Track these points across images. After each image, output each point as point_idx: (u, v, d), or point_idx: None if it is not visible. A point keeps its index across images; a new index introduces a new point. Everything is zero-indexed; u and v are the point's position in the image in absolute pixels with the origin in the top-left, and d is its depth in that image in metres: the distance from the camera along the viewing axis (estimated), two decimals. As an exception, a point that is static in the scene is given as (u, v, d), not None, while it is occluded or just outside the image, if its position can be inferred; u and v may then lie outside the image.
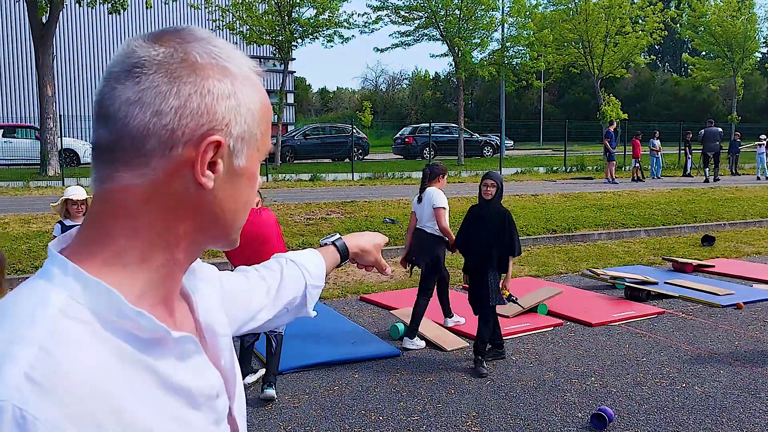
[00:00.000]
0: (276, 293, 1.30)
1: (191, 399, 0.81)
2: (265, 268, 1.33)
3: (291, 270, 1.33)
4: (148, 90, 0.77)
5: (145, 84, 0.77)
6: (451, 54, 25.60)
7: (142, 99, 0.77)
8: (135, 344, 0.76)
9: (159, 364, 0.77)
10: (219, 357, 0.92)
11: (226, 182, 0.83)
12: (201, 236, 0.85)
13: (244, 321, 1.23)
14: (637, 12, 29.43)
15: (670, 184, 19.50)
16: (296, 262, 1.35)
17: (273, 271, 1.32)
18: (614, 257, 10.35)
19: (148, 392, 0.75)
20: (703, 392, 4.99)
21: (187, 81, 0.79)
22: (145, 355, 0.76)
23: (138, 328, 0.76)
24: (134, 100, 0.77)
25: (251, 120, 0.84)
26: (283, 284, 1.31)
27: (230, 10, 22.29)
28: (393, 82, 72.86)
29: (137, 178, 0.79)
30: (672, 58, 76.08)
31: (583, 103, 53.37)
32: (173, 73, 0.78)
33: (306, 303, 1.36)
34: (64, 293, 0.74)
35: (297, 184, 18.10)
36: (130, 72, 0.78)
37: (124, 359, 0.74)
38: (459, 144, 26.14)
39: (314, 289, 1.36)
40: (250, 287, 1.26)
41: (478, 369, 5.38)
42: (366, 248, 1.49)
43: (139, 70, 0.78)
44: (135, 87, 0.78)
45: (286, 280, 1.32)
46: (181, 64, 0.79)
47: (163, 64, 0.79)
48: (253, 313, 1.25)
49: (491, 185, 5.57)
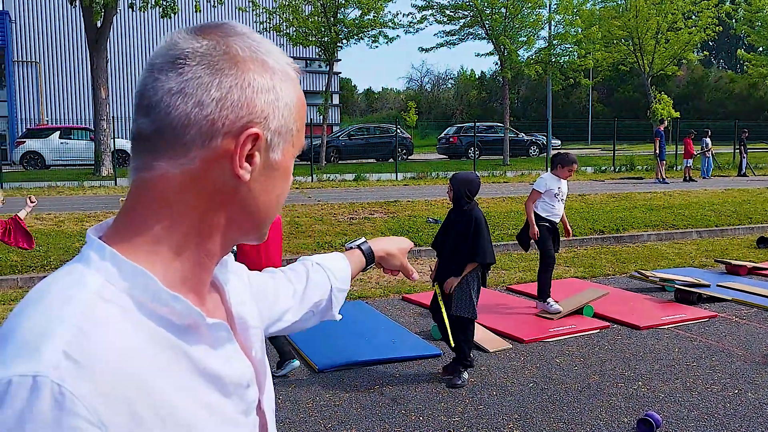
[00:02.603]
0: (302, 295, 1.30)
1: (222, 386, 0.81)
2: (291, 270, 1.34)
3: (317, 273, 1.34)
4: (190, 81, 0.78)
5: (188, 75, 0.79)
6: (497, 53, 25.38)
7: (185, 89, 0.78)
8: (169, 329, 0.77)
9: (192, 350, 0.78)
10: (250, 348, 0.93)
11: (261, 175, 0.84)
12: (234, 228, 0.86)
13: (271, 321, 1.24)
14: (689, 7, 28.62)
15: (724, 184, 18.91)
16: (322, 265, 1.35)
17: (299, 274, 1.33)
18: (664, 259, 10.08)
19: (180, 376, 0.76)
20: (757, 399, 4.81)
21: (228, 73, 0.80)
22: (178, 340, 0.77)
23: (172, 313, 0.77)
24: (177, 90, 0.78)
25: (288, 114, 0.85)
26: (309, 287, 1.31)
27: (277, 12, 22.56)
28: (438, 82, 72.64)
29: (175, 167, 0.80)
30: (726, 55, 73.80)
31: (633, 101, 52.23)
32: (215, 65, 0.79)
33: (332, 306, 1.36)
34: (101, 276, 0.75)
35: (341, 184, 18.19)
36: (173, 63, 0.79)
37: (157, 342, 0.75)
38: (504, 143, 25.89)
39: (340, 292, 1.36)
40: (276, 288, 1.26)
41: (453, 380, 5.12)
42: (392, 252, 1.48)
43: (182, 62, 0.79)
44: (178, 78, 0.79)
45: (312, 282, 1.32)
46: (223, 56, 0.80)
47: (206, 56, 0.80)
48: (280, 314, 1.25)
49: (449, 189, 5.37)
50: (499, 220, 12.00)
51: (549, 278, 6.94)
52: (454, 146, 29.69)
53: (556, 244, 7.02)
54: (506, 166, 23.83)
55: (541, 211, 6.90)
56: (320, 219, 11.73)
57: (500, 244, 10.60)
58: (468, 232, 5.17)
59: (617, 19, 28.81)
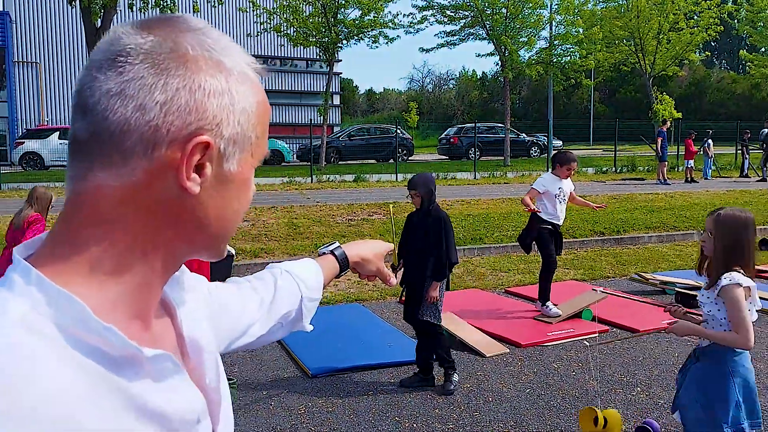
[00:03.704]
0: (270, 306, 1.21)
1: (167, 424, 0.72)
2: (258, 279, 1.25)
3: (286, 281, 1.24)
4: (131, 82, 0.70)
5: (128, 75, 0.70)
6: (498, 53, 25.28)
7: (125, 91, 0.70)
8: (104, 362, 0.67)
9: (130, 385, 0.69)
10: (203, 375, 0.84)
11: (214, 188, 0.75)
12: (184, 245, 0.77)
13: (235, 336, 1.15)
14: (691, 7, 28.49)
15: (726, 186, 18.80)
16: (291, 273, 1.26)
17: (266, 283, 1.23)
18: (665, 261, 9.99)
19: (117, 417, 0.67)
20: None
21: (175, 74, 0.71)
22: (114, 375, 0.68)
23: (107, 345, 0.68)
24: (116, 92, 0.70)
25: (246, 121, 0.76)
26: (278, 297, 1.22)
27: (277, 12, 22.49)
28: (439, 83, 72.59)
29: (114, 178, 0.71)
30: (728, 55, 73.66)
31: (635, 102, 52.13)
32: (161, 64, 0.71)
33: (302, 317, 1.27)
34: (25, 303, 0.66)
35: (341, 185, 18.11)
36: (113, 61, 0.71)
37: (90, 379, 0.66)
38: (505, 144, 25.80)
39: (311, 302, 1.27)
40: (241, 300, 1.17)
41: (445, 385, 5.00)
42: (367, 257, 1.40)
43: (123, 60, 0.70)
44: (118, 78, 0.70)
45: (280, 292, 1.23)
46: (170, 54, 0.71)
47: (151, 54, 0.71)
48: (245, 327, 1.16)
49: (414, 195, 5.10)
50: (498, 221, 11.91)
51: (549, 282, 6.85)
52: (455, 147, 29.61)
53: (558, 247, 6.91)
54: (507, 166, 23.73)
55: (543, 214, 6.78)
56: (318, 220, 11.65)
57: (500, 245, 10.52)
58: (439, 233, 4.99)
59: (618, 19, 28.68)
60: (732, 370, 3.01)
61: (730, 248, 3.03)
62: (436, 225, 5.01)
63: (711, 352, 3.07)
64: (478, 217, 12.17)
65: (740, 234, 3.04)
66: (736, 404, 2.97)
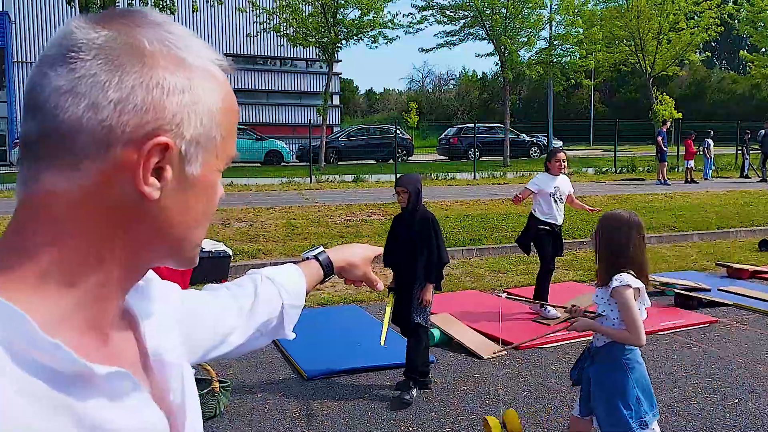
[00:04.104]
0: (249, 314, 1.16)
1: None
2: (236, 286, 1.20)
3: (266, 288, 1.19)
4: (83, 78, 0.65)
5: (80, 71, 0.65)
6: (497, 53, 25.25)
7: (76, 89, 0.65)
8: (52, 381, 0.62)
9: (82, 406, 0.64)
10: (167, 391, 0.79)
11: (176, 192, 0.71)
12: (145, 253, 0.73)
13: (212, 345, 1.10)
14: (691, 7, 28.45)
15: (726, 186, 18.75)
16: (272, 280, 1.21)
17: (245, 290, 1.18)
18: (664, 262, 9.93)
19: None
20: (758, 409, 4.66)
21: (131, 71, 0.66)
22: (64, 395, 0.63)
23: (56, 362, 0.62)
24: (67, 89, 0.65)
25: (210, 121, 0.72)
26: (258, 304, 1.17)
27: (276, 12, 22.46)
28: (439, 83, 72.56)
29: (66, 181, 0.66)
30: (729, 56, 73.60)
31: (635, 102, 52.08)
32: (115, 60, 0.66)
33: (284, 325, 1.21)
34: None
35: (340, 185, 18.07)
36: (64, 57, 0.66)
37: (36, 400, 0.61)
38: (505, 145, 25.76)
39: (292, 309, 1.22)
40: (218, 307, 1.12)
41: (401, 396, 4.81)
42: (354, 262, 1.35)
43: (75, 55, 0.66)
44: (69, 74, 0.66)
45: (260, 299, 1.18)
46: (125, 50, 0.67)
47: (104, 49, 0.66)
48: (222, 336, 1.11)
49: (402, 192, 4.96)
50: (498, 222, 11.86)
51: (547, 284, 6.80)
52: (455, 147, 29.59)
53: (558, 248, 6.85)
54: (506, 167, 23.70)
55: (539, 214, 6.74)
56: (317, 221, 11.61)
57: (498, 246, 10.47)
58: (428, 234, 4.89)
59: (618, 19, 28.66)
60: (628, 367, 3.12)
61: (613, 248, 3.16)
62: (424, 226, 4.91)
63: (606, 352, 3.18)
64: (477, 217, 12.12)
65: (621, 235, 3.14)
66: (637, 399, 3.08)
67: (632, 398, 3.06)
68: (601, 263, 3.22)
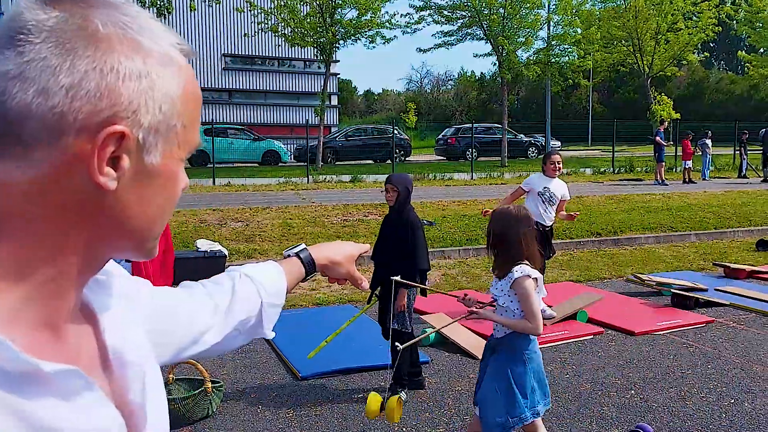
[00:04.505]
0: (226, 312, 1.12)
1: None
2: (214, 283, 1.16)
3: (245, 286, 1.15)
4: (32, 63, 0.62)
5: (29, 55, 0.62)
6: (495, 53, 25.22)
7: (24, 73, 0.62)
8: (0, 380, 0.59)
9: (30, 405, 0.61)
10: (127, 390, 0.76)
11: (134, 183, 0.67)
12: (102, 245, 0.69)
13: (185, 344, 1.06)
14: (689, 8, 28.44)
15: (724, 186, 18.73)
16: (251, 277, 1.17)
17: (222, 287, 1.14)
18: (662, 262, 9.91)
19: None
20: (753, 409, 4.63)
21: (83, 54, 0.63)
22: (11, 394, 0.60)
23: (4, 360, 0.59)
24: (15, 74, 0.62)
25: (170, 108, 0.68)
26: (235, 302, 1.13)
27: (273, 12, 22.42)
28: (438, 83, 72.56)
29: (16, 171, 0.63)
30: (727, 56, 73.63)
31: (634, 102, 52.05)
32: (66, 43, 0.62)
33: (262, 324, 1.18)
34: None
35: (337, 185, 18.03)
36: (12, 39, 0.63)
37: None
38: (502, 145, 25.73)
39: (271, 308, 1.18)
40: (193, 305, 1.08)
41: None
42: (337, 260, 1.31)
43: (24, 38, 0.62)
44: (17, 58, 0.62)
45: (238, 297, 1.14)
46: (77, 32, 0.63)
47: (55, 32, 0.63)
48: (197, 334, 1.07)
49: (391, 190, 4.90)
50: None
51: None
52: (452, 147, 29.56)
53: (546, 249, 6.81)
54: (504, 167, 23.66)
55: None
56: (313, 221, 11.57)
57: (495, 246, 10.43)
58: (407, 240, 4.83)
59: (616, 19, 28.64)
60: (527, 358, 3.23)
61: (507, 242, 3.28)
62: (405, 231, 4.85)
63: (507, 342, 3.28)
64: (474, 217, 12.08)
65: (510, 229, 3.27)
66: (532, 389, 3.20)
67: (528, 388, 3.18)
68: (498, 257, 3.34)
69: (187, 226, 10.55)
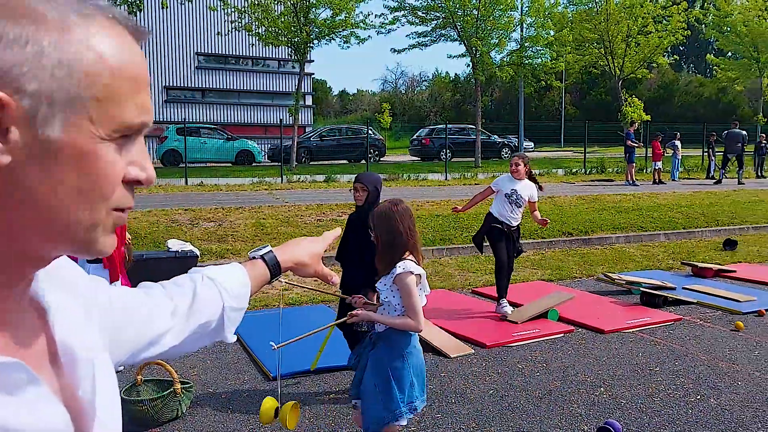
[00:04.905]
0: (186, 315, 1.10)
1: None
2: (174, 284, 1.13)
3: (206, 288, 1.13)
4: None
5: None
6: (469, 55, 25.34)
7: None
8: None
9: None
10: (76, 386, 0.74)
11: (33, 159, 0.63)
12: (29, 235, 0.66)
13: (142, 344, 1.03)
14: (659, 11, 28.86)
15: (693, 187, 19.05)
16: (214, 280, 1.14)
17: (183, 289, 1.12)
18: (632, 261, 10.04)
19: None
20: (719, 405, 4.71)
21: None
22: None
23: None
24: None
25: (68, 76, 0.64)
26: (196, 305, 1.11)
27: (247, 11, 22.27)
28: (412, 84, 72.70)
29: None
30: (696, 59, 74.92)
31: (605, 104, 52.70)
32: None
33: (224, 327, 1.15)
34: None
35: (311, 185, 17.97)
36: None
37: None
38: (476, 146, 25.86)
39: (234, 311, 1.15)
40: (151, 306, 1.06)
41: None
42: (302, 261, 1.29)
43: None
44: None
45: (199, 299, 1.11)
46: None
47: None
48: (154, 336, 1.05)
49: (361, 189, 4.84)
50: (468, 222, 11.87)
51: (504, 282, 6.83)
52: (427, 148, 29.65)
53: (513, 248, 6.86)
54: (478, 168, 23.79)
55: (494, 211, 6.84)
56: (286, 221, 11.51)
57: (468, 246, 10.47)
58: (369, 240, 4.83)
59: (588, 22, 28.96)
60: (406, 353, 3.21)
61: (390, 238, 3.25)
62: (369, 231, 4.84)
63: (386, 337, 3.25)
64: (447, 217, 12.13)
65: (394, 224, 3.24)
66: (411, 384, 3.18)
67: (407, 383, 3.16)
68: (381, 254, 3.30)
69: (159, 226, 10.44)
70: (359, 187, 4.88)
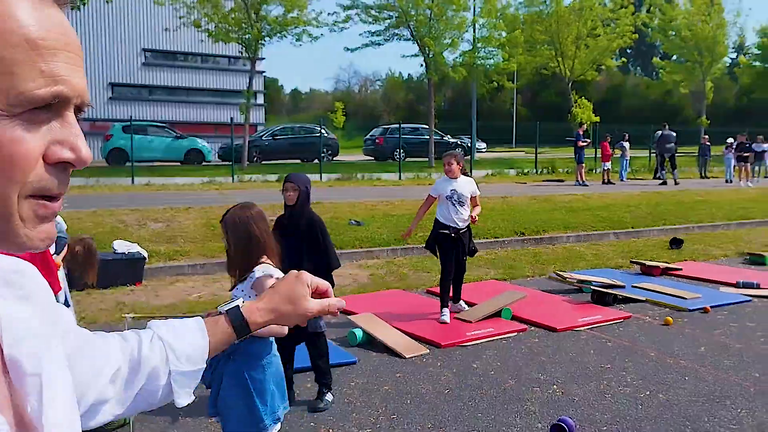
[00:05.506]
0: (125, 381, 1.00)
1: None
2: (124, 340, 1.03)
3: (153, 353, 1.03)
4: None
5: None
6: (422, 54, 25.43)
7: None
8: None
9: None
10: (24, 402, 0.69)
11: None
12: None
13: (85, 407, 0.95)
14: (608, 14, 29.54)
15: (640, 187, 19.52)
16: (165, 342, 1.04)
17: (129, 348, 1.02)
18: (582, 260, 10.21)
19: None
20: (667, 400, 4.80)
21: None
22: None
23: None
24: None
25: None
26: (136, 374, 1.01)
27: (196, 6, 21.87)
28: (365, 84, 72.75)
29: None
30: (643, 62, 76.98)
31: (557, 105, 53.63)
32: None
33: (172, 392, 1.05)
34: None
35: (264, 185, 17.73)
36: None
37: None
38: (429, 146, 25.98)
39: (182, 376, 1.04)
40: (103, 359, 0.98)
41: (315, 405, 4.67)
42: (284, 312, 1.13)
43: None
44: None
45: (142, 367, 1.02)
46: None
47: None
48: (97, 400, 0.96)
49: (292, 189, 4.74)
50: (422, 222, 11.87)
51: (446, 286, 6.73)
52: (380, 148, 29.64)
53: (463, 252, 6.80)
54: (431, 168, 23.89)
55: (440, 218, 6.71)
56: (238, 221, 11.32)
57: (422, 246, 10.47)
58: (315, 238, 4.74)
59: (539, 23, 29.44)
60: (266, 363, 3.07)
61: (246, 244, 3.12)
62: (311, 229, 4.73)
63: (245, 349, 2.98)
64: (402, 217, 12.12)
65: (250, 228, 3.10)
66: (272, 394, 3.05)
67: (268, 394, 3.02)
68: (236, 261, 3.16)
69: (104, 227, 10.13)
70: (290, 187, 4.76)
